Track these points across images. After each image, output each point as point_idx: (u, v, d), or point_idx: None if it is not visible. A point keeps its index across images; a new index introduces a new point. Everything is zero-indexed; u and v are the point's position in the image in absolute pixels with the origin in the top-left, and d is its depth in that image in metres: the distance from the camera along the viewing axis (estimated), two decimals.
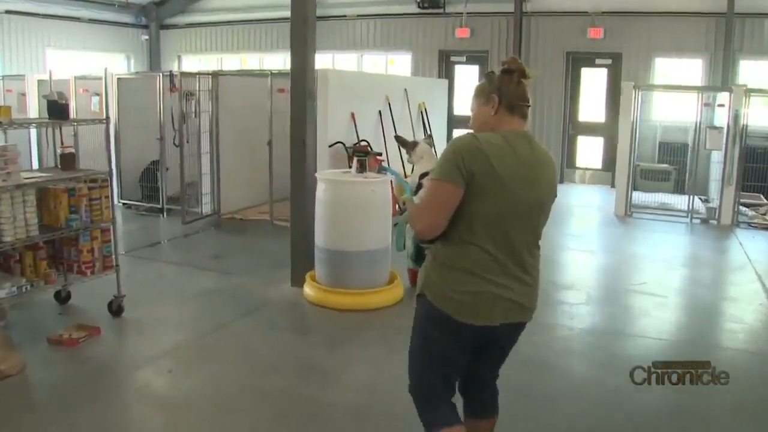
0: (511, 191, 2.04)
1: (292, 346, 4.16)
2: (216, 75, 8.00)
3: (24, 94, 9.19)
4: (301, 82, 5.00)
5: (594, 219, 9.24)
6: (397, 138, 5.74)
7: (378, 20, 12.89)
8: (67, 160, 4.54)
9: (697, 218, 8.87)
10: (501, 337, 2.22)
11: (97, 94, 8.38)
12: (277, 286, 5.33)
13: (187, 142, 7.82)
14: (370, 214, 4.83)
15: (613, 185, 11.84)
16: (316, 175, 5.01)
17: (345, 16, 12.68)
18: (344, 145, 7.35)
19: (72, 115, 4.79)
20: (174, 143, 8.04)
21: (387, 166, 4.02)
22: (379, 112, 8.39)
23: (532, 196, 2.10)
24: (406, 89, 9.13)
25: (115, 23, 13.93)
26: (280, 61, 13.82)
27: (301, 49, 4.97)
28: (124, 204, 8.46)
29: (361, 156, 4.93)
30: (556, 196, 2.21)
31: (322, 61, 13.24)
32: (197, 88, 7.87)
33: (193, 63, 14.64)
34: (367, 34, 13.01)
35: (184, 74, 7.71)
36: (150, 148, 8.37)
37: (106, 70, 4.55)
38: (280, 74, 8.05)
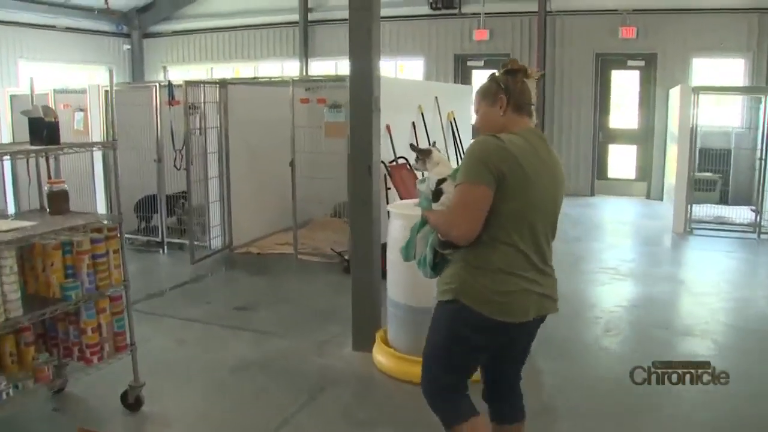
0: (537, 188, 2.08)
1: None
2: (224, 84, 6.78)
3: None
4: (365, 90, 3.76)
5: (651, 238, 8.21)
6: (412, 146, 4.74)
7: (386, 23, 11.69)
8: (58, 201, 3.30)
9: (765, 234, 7.98)
10: (531, 332, 2.26)
11: (81, 110, 7.11)
12: (334, 350, 4.14)
13: (191, 163, 6.61)
14: None
15: (648, 196, 10.97)
16: (389, 208, 3.83)
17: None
18: (385, 164, 6.19)
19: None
20: (175, 166, 6.83)
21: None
22: (413, 123, 7.28)
23: (553, 192, 2.16)
24: (436, 97, 8.04)
25: (94, 32, 12.62)
26: (276, 68, 12.70)
27: (364, 48, 3.75)
28: None
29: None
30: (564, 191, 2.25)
31: (325, 68, 12.15)
32: (202, 100, 6.67)
33: (180, 74, 13.36)
34: None
35: (188, 83, 6.47)
36: (144, 172, 7.12)
37: (111, 73, 3.32)
38: (302, 81, 6.95)
